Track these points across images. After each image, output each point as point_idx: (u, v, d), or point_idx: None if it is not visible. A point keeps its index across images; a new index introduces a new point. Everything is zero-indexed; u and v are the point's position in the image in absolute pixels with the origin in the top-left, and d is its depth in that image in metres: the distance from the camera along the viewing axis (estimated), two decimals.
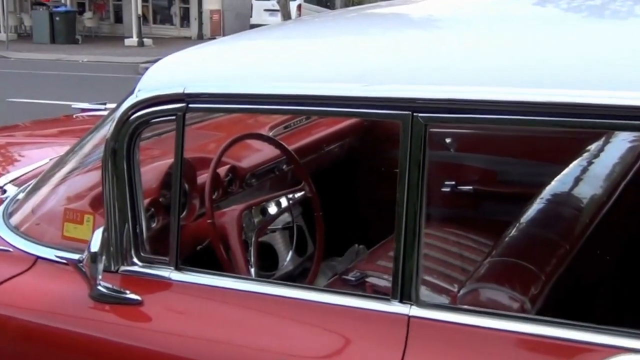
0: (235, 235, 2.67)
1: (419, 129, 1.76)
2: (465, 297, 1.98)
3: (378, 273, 2.59)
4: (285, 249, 3.08)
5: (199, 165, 2.82)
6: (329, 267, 3.18)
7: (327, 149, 3.59)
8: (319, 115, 3.42)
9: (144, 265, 2.18)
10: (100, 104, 4.42)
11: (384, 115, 1.89)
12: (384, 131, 3.68)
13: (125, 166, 2.15)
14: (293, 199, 3.02)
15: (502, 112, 1.70)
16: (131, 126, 2.14)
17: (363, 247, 3.16)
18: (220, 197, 2.93)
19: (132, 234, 2.19)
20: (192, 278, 2.11)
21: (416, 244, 1.79)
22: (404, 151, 1.78)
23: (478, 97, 1.70)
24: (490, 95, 1.69)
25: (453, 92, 1.73)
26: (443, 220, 2.97)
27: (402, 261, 1.80)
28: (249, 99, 2.02)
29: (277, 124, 3.50)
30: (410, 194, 1.78)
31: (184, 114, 2.06)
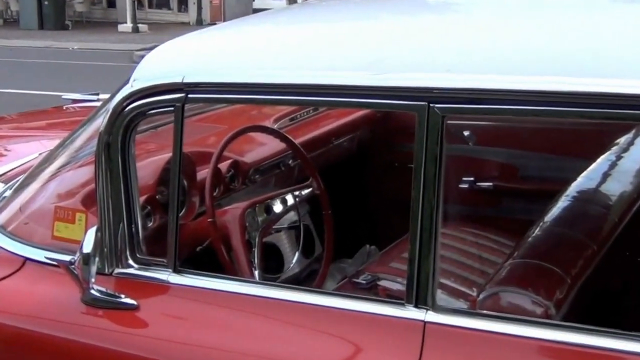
0: (237, 235, 2.68)
1: (436, 121, 1.76)
2: (485, 301, 1.97)
3: (391, 276, 2.59)
4: (291, 250, 3.08)
5: (198, 160, 2.83)
6: (338, 269, 3.18)
7: (336, 142, 3.59)
8: (327, 106, 3.42)
9: (140, 268, 2.19)
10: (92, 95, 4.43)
11: (397, 106, 1.88)
12: (398, 123, 3.68)
13: (120, 161, 2.16)
14: (300, 196, 3.02)
15: (525, 102, 1.69)
16: (126, 118, 2.14)
17: (374, 247, 3.16)
18: (222, 194, 2.93)
19: (127, 234, 2.19)
20: (191, 281, 2.11)
21: (432, 244, 1.79)
22: (419, 145, 1.77)
23: (500, 87, 1.70)
24: (513, 84, 1.69)
25: (473, 81, 1.73)
26: (461, 219, 2.97)
27: (417, 263, 1.80)
28: (252, 89, 2.02)
29: (282, 115, 3.50)
30: (426, 191, 1.78)
31: (183, 104, 2.07)
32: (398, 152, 3.67)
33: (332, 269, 3.12)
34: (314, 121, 3.65)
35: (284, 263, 3.04)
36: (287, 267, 3.03)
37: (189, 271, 2.14)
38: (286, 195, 2.98)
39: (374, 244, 3.19)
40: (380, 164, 3.77)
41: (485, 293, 1.99)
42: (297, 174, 3.31)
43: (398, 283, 2.52)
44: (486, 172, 3.48)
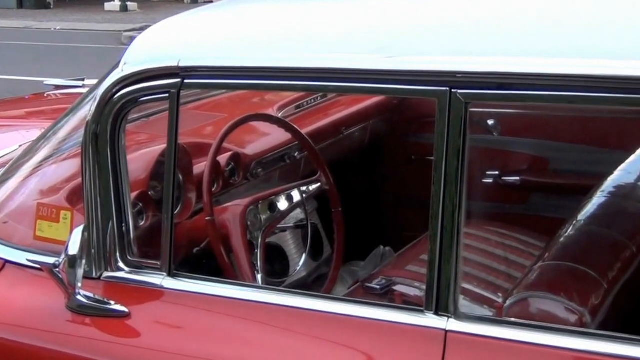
0: (238, 236, 2.68)
1: (459, 109, 1.76)
2: (513, 308, 1.97)
3: (408, 280, 2.59)
4: (298, 252, 3.08)
5: (195, 152, 2.83)
6: (350, 272, 3.18)
7: (347, 132, 3.59)
8: (337, 93, 3.41)
9: (132, 271, 2.19)
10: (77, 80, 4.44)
11: (415, 92, 1.89)
12: (415, 111, 3.68)
13: (109, 153, 2.16)
14: (307, 192, 3.02)
15: (558, 87, 1.69)
16: (116, 106, 2.14)
17: (390, 249, 3.16)
18: (221, 190, 2.94)
19: (117, 234, 2.20)
20: (188, 286, 2.11)
21: (454, 245, 1.79)
22: (440, 135, 1.78)
23: (529, 70, 1.70)
24: (544, 67, 1.69)
25: (500, 64, 1.73)
26: (485, 218, 2.97)
27: (437, 266, 1.80)
28: (254, 73, 2.02)
29: (287, 103, 3.50)
30: (447, 186, 1.78)
31: (179, 91, 2.07)
32: (415, 144, 3.67)
33: (343, 272, 3.13)
34: (323, 109, 3.65)
35: (289, 266, 3.05)
36: (292, 270, 3.04)
37: (185, 275, 2.14)
38: (292, 191, 2.98)
39: (388, 245, 3.19)
40: (396, 156, 3.77)
41: (513, 299, 1.99)
42: (303, 167, 3.31)
43: (416, 288, 2.52)
44: (513, 165, 3.48)
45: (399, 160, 3.73)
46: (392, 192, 3.75)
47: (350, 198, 3.14)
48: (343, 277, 3.13)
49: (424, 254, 2.40)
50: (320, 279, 3.09)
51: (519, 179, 3.43)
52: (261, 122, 3.22)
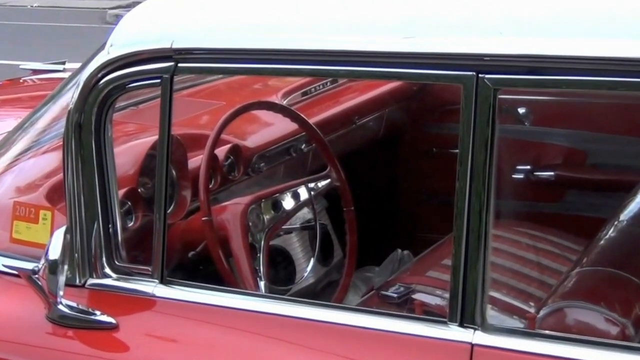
0: (238, 238, 2.69)
1: (486, 95, 1.76)
2: (547, 319, 1.97)
3: (429, 287, 2.59)
4: (305, 256, 3.08)
5: (190, 145, 2.84)
6: (363, 279, 3.18)
7: (360, 122, 3.59)
8: (348, 78, 3.41)
9: (120, 278, 2.20)
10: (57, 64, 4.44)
11: (438, 77, 1.88)
12: (438, 99, 3.68)
13: (94, 146, 2.17)
14: (315, 189, 3.02)
15: (596, 72, 1.69)
16: (101, 93, 2.15)
17: (408, 253, 3.16)
18: (219, 187, 2.94)
19: (103, 236, 2.20)
20: (182, 294, 2.12)
21: (481, 249, 1.79)
22: (465, 125, 1.78)
23: (565, 53, 1.70)
24: (582, 50, 1.69)
25: (532, 46, 1.73)
26: (516, 218, 2.97)
27: (462, 272, 1.80)
28: (256, 56, 2.03)
29: (293, 89, 3.50)
30: (473, 182, 1.78)
31: (172, 75, 2.07)
32: (437, 135, 3.67)
33: (356, 279, 3.12)
34: (333, 96, 3.65)
35: (295, 272, 3.05)
36: (299, 277, 3.04)
37: (180, 282, 2.15)
38: (298, 188, 2.99)
39: (407, 249, 3.19)
40: (415, 149, 3.77)
41: (547, 309, 1.99)
42: (311, 161, 3.31)
43: (438, 296, 2.52)
44: (547, 158, 3.48)
45: (419, 153, 3.73)
46: (411, 189, 3.75)
47: (363, 196, 3.14)
48: (356, 284, 3.13)
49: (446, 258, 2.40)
50: (331, 287, 3.09)
51: (553, 174, 3.43)
52: (264, 111, 3.22)
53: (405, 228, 3.64)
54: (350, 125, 3.54)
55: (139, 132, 2.85)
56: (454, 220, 1.81)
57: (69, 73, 3.00)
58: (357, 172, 3.20)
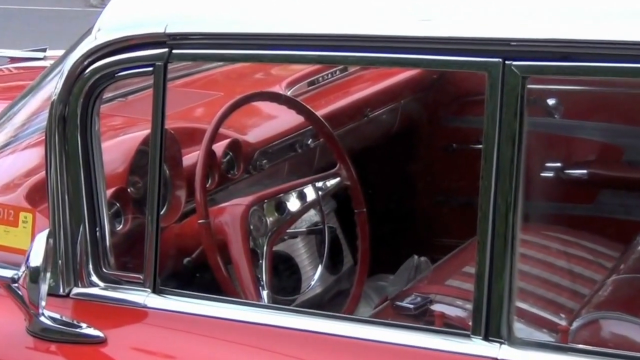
0: (239, 243, 2.69)
1: (514, 85, 1.75)
2: (580, 332, 1.97)
3: (450, 297, 2.59)
4: (312, 263, 3.09)
5: (185, 140, 2.84)
6: (376, 289, 3.18)
7: (372, 115, 3.59)
8: (360, 65, 3.42)
9: (108, 287, 2.20)
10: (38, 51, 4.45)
11: (459, 65, 1.88)
12: (459, 88, 3.68)
13: (80, 141, 2.17)
14: (323, 188, 3.02)
15: (635, 58, 1.69)
16: (87, 83, 2.15)
17: (426, 259, 3.16)
18: (217, 186, 2.94)
19: (89, 241, 2.21)
20: (177, 305, 2.12)
21: (508, 255, 1.79)
22: (490, 118, 1.77)
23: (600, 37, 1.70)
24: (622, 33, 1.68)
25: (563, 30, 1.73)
26: (546, 220, 2.97)
27: (487, 280, 1.80)
28: (258, 42, 2.03)
29: (298, 78, 3.50)
30: (499, 182, 1.78)
31: (165, 63, 2.08)
32: (458, 129, 3.67)
33: (368, 288, 3.13)
34: (342, 86, 3.65)
35: (301, 280, 3.05)
36: (306, 285, 3.04)
37: (174, 292, 2.15)
38: (305, 188, 2.98)
39: (424, 255, 3.19)
40: (433, 144, 3.77)
41: (580, 321, 1.99)
42: (319, 158, 3.31)
43: (460, 308, 2.53)
44: (579, 155, 3.47)
45: (438, 149, 3.73)
46: (429, 189, 3.75)
47: (376, 196, 3.14)
48: (368, 294, 3.13)
49: (469, 265, 2.40)
50: (340, 297, 3.09)
51: (586, 173, 3.43)
52: (266, 102, 3.22)
53: (423, 232, 3.64)
54: (362, 118, 3.54)
55: (129, 125, 2.85)
56: (477, 224, 1.81)
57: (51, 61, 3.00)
58: (369, 170, 3.20)
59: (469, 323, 1.84)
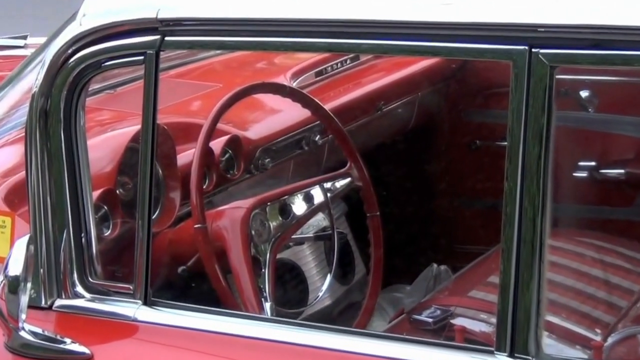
0: (239, 250, 2.69)
1: (542, 75, 1.75)
2: (616, 348, 1.98)
3: (472, 310, 2.59)
4: (320, 272, 3.08)
5: (180, 136, 2.84)
6: (391, 300, 3.18)
7: (386, 109, 3.59)
8: (373, 54, 3.42)
9: (94, 298, 2.20)
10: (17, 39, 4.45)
11: (481, 53, 1.88)
12: (481, 79, 3.67)
13: (63, 138, 2.17)
14: (332, 190, 3.02)
15: None
16: (72, 73, 2.15)
17: (446, 268, 3.16)
18: (215, 188, 2.94)
19: (74, 248, 2.21)
20: (170, 318, 2.13)
21: (535, 263, 1.79)
22: (515, 112, 1.77)
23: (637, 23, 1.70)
24: None
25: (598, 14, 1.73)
26: (578, 225, 2.96)
27: (512, 292, 1.80)
28: (259, 27, 2.03)
29: (304, 68, 3.50)
30: (526, 183, 1.78)
31: (157, 51, 2.08)
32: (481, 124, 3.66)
33: (382, 300, 3.13)
34: (353, 76, 3.65)
35: (308, 291, 3.05)
36: (313, 297, 3.04)
37: (167, 304, 2.15)
38: (312, 189, 2.98)
39: (444, 263, 3.19)
40: (454, 141, 3.77)
41: (616, 336, 1.99)
42: (327, 156, 3.31)
43: (483, 321, 2.52)
44: (615, 153, 3.47)
45: (458, 146, 3.73)
46: (449, 191, 3.74)
47: (391, 199, 3.14)
48: (382, 306, 3.13)
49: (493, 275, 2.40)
50: (351, 310, 3.09)
51: (623, 172, 3.42)
52: (269, 95, 3.22)
53: (442, 238, 3.63)
54: (375, 112, 3.54)
55: (118, 120, 2.86)
56: (501, 229, 1.81)
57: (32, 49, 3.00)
58: (383, 169, 3.20)
59: (492, 338, 1.84)
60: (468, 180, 3.66)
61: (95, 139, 2.64)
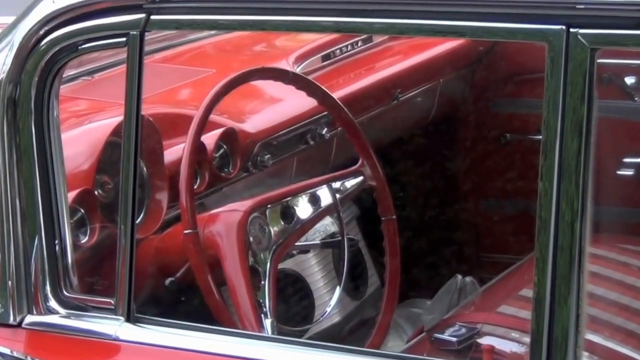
0: (235, 259, 2.69)
1: (581, 58, 1.75)
2: None
3: (502, 328, 2.59)
4: (328, 284, 3.09)
5: (168, 129, 2.84)
6: (409, 317, 3.18)
7: (403, 97, 3.59)
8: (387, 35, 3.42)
9: (70, 314, 2.21)
10: None
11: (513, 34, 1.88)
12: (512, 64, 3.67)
13: (34, 131, 2.18)
14: (342, 190, 3.02)
15: None
16: (44, 57, 2.16)
17: (471, 280, 3.15)
18: (207, 188, 2.94)
19: (47, 257, 2.21)
20: (156, 336, 2.13)
21: (574, 274, 1.79)
22: (551, 101, 1.77)
23: None
24: None
25: None
26: (623, 231, 2.96)
27: (547, 307, 1.81)
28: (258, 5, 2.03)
29: (309, 51, 3.51)
30: (563, 182, 1.78)
31: (142, 32, 2.08)
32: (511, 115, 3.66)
33: (398, 317, 3.13)
34: (366, 61, 3.66)
35: (314, 306, 3.05)
36: (320, 313, 3.04)
37: (153, 320, 2.16)
38: (318, 190, 2.98)
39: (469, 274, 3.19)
40: (480, 135, 3.77)
41: None
42: (336, 152, 3.31)
43: (514, 341, 2.53)
44: None
45: (486, 141, 3.73)
46: (476, 192, 3.75)
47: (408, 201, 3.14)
48: (399, 323, 3.13)
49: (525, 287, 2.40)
50: (364, 327, 3.10)
51: None
52: (269, 82, 3.22)
53: (468, 246, 3.64)
54: (390, 101, 3.54)
55: (97, 111, 2.86)
56: (535, 235, 1.81)
57: None
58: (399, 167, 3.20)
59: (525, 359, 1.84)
60: (497, 179, 3.66)
61: (71, 132, 2.64)
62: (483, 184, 3.74)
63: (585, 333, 1.85)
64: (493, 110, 3.76)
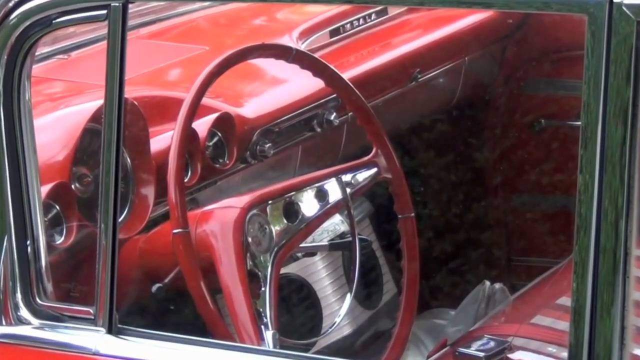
0: (231, 262, 2.69)
1: (626, 33, 1.76)
2: None
3: (536, 341, 2.60)
4: (338, 291, 3.10)
5: (154, 114, 2.85)
6: (430, 328, 3.19)
7: (422, 78, 3.60)
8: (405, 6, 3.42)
9: (44, 325, 2.22)
10: None
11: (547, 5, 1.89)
12: (547, 39, 3.68)
13: (3, 117, 2.19)
14: (353, 184, 3.02)
15: None
16: (14, 33, 2.17)
17: (501, 287, 3.16)
18: (200, 181, 2.95)
19: (17, 260, 2.22)
20: (141, 350, 2.15)
21: (619, 280, 1.80)
22: (592, 82, 1.78)
23: None
24: None
25: None
26: None
27: (588, 317, 1.81)
28: None
29: (316, 26, 3.51)
30: (605, 175, 1.78)
31: (125, 4, 2.09)
32: (546, 98, 3.67)
33: (418, 328, 3.13)
34: (380, 36, 3.66)
35: (322, 317, 3.06)
36: (329, 324, 3.05)
37: (137, 332, 2.17)
38: (326, 183, 2.99)
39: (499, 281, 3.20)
40: (512, 121, 3.77)
41: None
42: (346, 140, 3.32)
43: (550, 356, 2.53)
44: None
45: (517, 127, 3.74)
46: (506, 186, 3.75)
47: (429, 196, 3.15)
48: (418, 336, 3.14)
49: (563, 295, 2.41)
50: (379, 341, 3.10)
51: None
52: (270, 60, 3.22)
53: (497, 248, 3.64)
54: (409, 82, 3.55)
55: (74, 94, 2.86)
56: (574, 236, 1.81)
57: None
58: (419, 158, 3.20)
59: None
60: (530, 172, 3.67)
61: (45, 117, 2.65)
62: (514, 178, 3.74)
63: (631, 347, 1.86)
64: (525, 93, 3.77)
